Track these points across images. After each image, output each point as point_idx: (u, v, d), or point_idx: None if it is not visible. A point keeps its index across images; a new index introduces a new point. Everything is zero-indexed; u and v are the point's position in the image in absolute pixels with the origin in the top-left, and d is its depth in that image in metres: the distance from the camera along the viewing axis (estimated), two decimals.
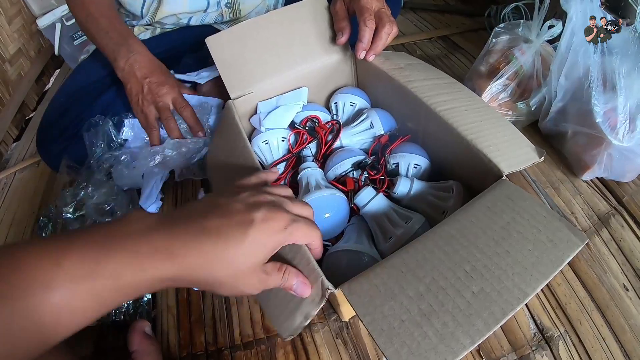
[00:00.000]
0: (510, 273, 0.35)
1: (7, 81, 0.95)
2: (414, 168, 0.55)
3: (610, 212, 0.65)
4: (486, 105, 0.52)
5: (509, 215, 0.39)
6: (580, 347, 0.52)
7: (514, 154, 0.46)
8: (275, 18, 0.62)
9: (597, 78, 0.60)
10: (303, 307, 0.37)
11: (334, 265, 0.47)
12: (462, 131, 0.48)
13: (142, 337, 0.51)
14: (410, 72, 0.58)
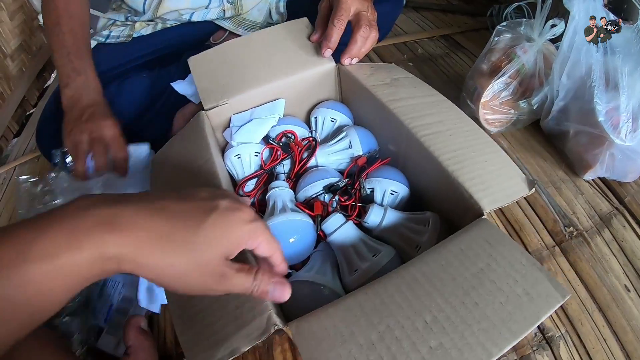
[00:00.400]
0: (476, 329, 0.32)
1: (8, 76, 0.96)
2: (391, 195, 0.52)
3: (612, 212, 0.64)
4: (475, 129, 0.49)
5: (484, 261, 0.36)
6: (582, 347, 0.52)
7: (501, 187, 0.43)
8: (257, 37, 0.62)
9: (599, 77, 0.60)
10: (232, 340, 0.34)
11: (293, 294, 0.44)
12: (444, 160, 0.45)
13: (138, 332, 0.51)
14: (396, 88, 0.55)
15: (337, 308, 0.34)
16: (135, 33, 0.78)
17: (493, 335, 0.31)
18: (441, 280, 0.35)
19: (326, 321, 0.33)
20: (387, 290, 0.35)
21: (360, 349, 0.31)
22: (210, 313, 0.36)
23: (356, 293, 0.35)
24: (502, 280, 0.34)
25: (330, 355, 0.31)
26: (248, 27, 0.81)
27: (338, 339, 0.32)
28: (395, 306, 0.34)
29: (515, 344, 0.31)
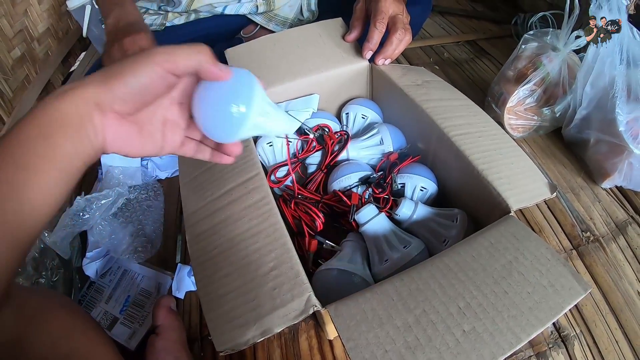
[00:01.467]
0: (506, 315, 0.34)
1: (34, 59, 0.99)
2: (421, 191, 0.55)
3: (627, 221, 0.68)
4: (502, 133, 0.52)
5: (512, 255, 0.38)
6: (595, 348, 0.55)
7: (526, 188, 0.46)
8: (293, 34, 0.65)
9: (621, 88, 0.63)
10: (265, 320, 0.36)
11: (323, 282, 0.47)
12: (474, 160, 0.48)
13: (167, 311, 0.53)
14: (427, 90, 0.58)
15: (374, 292, 0.37)
16: (168, 22, 0.82)
17: (521, 322, 0.34)
18: (473, 269, 0.37)
19: (364, 304, 0.36)
20: (421, 277, 0.37)
21: (398, 331, 0.34)
22: (244, 292, 0.38)
23: (392, 279, 0.38)
24: (529, 272, 0.37)
25: (369, 335, 0.34)
26: (279, 22, 0.85)
27: (376, 321, 0.34)
28: (430, 292, 0.36)
29: (541, 331, 0.34)
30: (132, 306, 0.60)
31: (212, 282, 0.40)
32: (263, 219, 0.44)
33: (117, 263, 0.65)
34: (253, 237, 0.42)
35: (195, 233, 0.45)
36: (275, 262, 0.40)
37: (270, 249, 0.41)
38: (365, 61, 0.64)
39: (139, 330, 0.58)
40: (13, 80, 0.92)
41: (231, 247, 0.42)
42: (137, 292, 0.62)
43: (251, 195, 0.46)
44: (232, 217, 0.45)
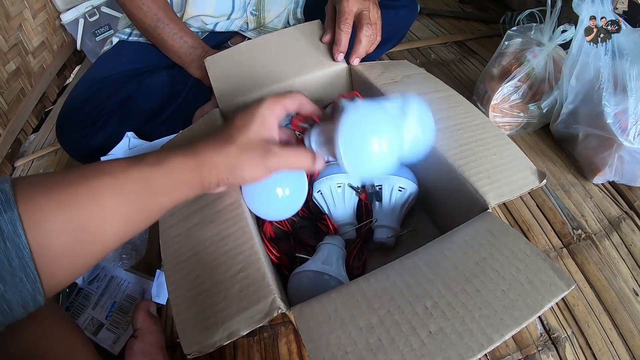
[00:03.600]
0: (477, 315, 0.32)
1: (29, 72, 1.00)
2: (399, 191, 0.53)
3: (621, 216, 0.64)
4: (485, 122, 0.50)
5: (487, 251, 0.36)
6: (588, 349, 0.52)
7: (509, 180, 0.43)
8: (271, 39, 0.64)
9: (607, 80, 0.60)
10: (232, 322, 0.35)
11: (298, 284, 0.46)
12: (450, 156, 0.46)
13: (146, 315, 0.53)
14: (405, 86, 0.56)
15: (339, 293, 0.35)
16: None
17: (494, 322, 0.31)
18: (443, 268, 0.35)
19: (328, 306, 0.34)
20: (389, 277, 0.36)
21: (360, 332, 0.32)
22: (213, 294, 0.38)
23: (359, 280, 0.36)
24: (504, 268, 0.34)
25: (330, 337, 0.32)
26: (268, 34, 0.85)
27: (338, 322, 0.33)
28: (396, 292, 0.34)
29: (516, 332, 0.31)
30: (117, 312, 0.60)
31: (182, 285, 0.40)
32: (233, 222, 0.43)
33: (105, 270, 0.64)
34: (223, 240, 0.42)
35: (169, 236, 0.45)
36: (243, 264, 0.39)
37: (239, 252, 0.40)
38: (344, 63, 0.63)
39: (123, 335, 0.57)
40: (8, 94, 0.92)
41: (202, 250, 0.42)
42: (123, 298, 0.61)
43: (223, 199, 0.46)
44: (204, 220, 0.45)
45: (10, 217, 0.25)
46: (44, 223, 0.27)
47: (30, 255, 0.26)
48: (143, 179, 0.32)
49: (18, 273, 0.25)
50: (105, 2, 1.10)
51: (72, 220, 0.28)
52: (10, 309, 0.26)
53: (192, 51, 0.73)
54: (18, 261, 0.25)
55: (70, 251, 0.28)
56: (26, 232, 0.25)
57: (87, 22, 1.09)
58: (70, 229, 0.28)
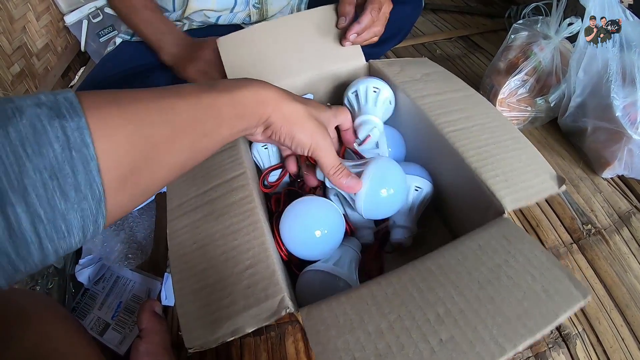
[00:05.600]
0: (490, 323, 0.30)
1: (34, 75, 1.00)
2: (415, 191, 0.51)
3: (631, 211, 0.64)
4: (504, 123, 0.48)
5: (502, 257, 0.35)
6: (599, 346, 0.51)
7: (527, 184, 0.42)
8: (290, 22, 0.61)
9: (616, 72, 0.60)
10: (238, 318, 0.34)
11: (308, 283, 0.45)
12: (467, 157, 0.44)
13: (151, 315, 0.52)
14: (425, 84, 0.55)
15: (349, 296, 0.34)
16: None
17: (507, 331, 0.30)
18: (457, 273, 0.34)
19: (337, 309, 0.33)
20: (400, 280, 0.34)
21: (369, 337, 0.31)
22: (219, 289, 0.37)
23: (369, 283, 0.35)
24: (520, 276, 0.33)
25: (337, 341, 0.31)
26: None
27: (347, 326, 0.32)
28: (407, 296, 0.33)
29: (531, 342, 0.29)
30: (124, 312, 0.59)
31: (188, 277, 0.39)
32: (244, 217, 0.42)
33: (110, 270, 0.65)
34: (233, 234, 0.41)
35: (176, 227, 0.44)
36: (252, 261, 0.38)
37: (249, 247, 0.40)
38: (362, 59, 0.61)
39: (129, 335, 0.57)
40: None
41: (210, 243, 0.41)
42: (129, 298, 0.60)
43: (235, 193, 0.45)
44: (214, 213, 0.44)
45: (78, 123, 0.22)
46: (113, 135, 0.24)
47: (97, 169, 0.23)
48: (213, 106, 0.32)
49: (83, 188, 0.22)
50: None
51: (142, 137, 0.26)
52: (68, 231, 0.22)
53: (161, 37, 0.72)
54: (84, 174, 0.22)
55: (138, 171, 0.26)
56: (94, 142, 0.23)
57: (90, 24, 1.09)
58: (140, 146, 0.26)
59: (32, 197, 0.20)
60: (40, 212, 0.21)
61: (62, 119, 0.22)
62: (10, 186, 0.20)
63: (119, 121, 0.25)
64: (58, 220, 0.22)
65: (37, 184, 0.21)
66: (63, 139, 0.21)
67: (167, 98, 0.29)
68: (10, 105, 0.21)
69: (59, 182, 0.21)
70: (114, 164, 0.24)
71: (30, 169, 0.20)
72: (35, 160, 0.20)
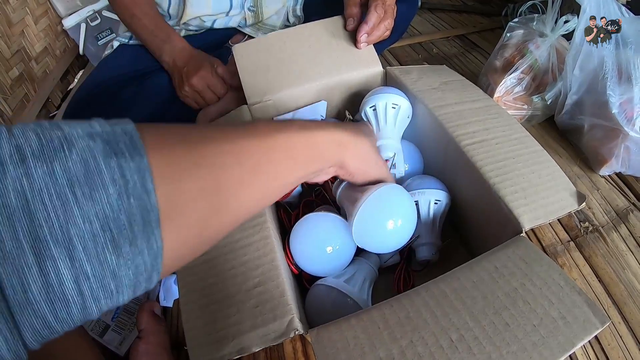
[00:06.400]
0: (505, 351, 0.29)
1: (33, 78, 1.00)
2: (435, 204, 0.50)
3: (628, 208, 0.63)
4: (524, 136, 0.47)
5: (518, 281, 0.34)
6: (597, 344, 0.51)
7: (546, 201, 0.40)
8: (304, 32, 0.61)
9: (612, 69, 0.60)
10: (244, 337, 0.33)
11: (317, 299, 0.44)
12: (486, 172, 0.43)
13: (150, 316, 0.53)
14: (443, 93, 0.53)
15: (359, 319, 0.33)
16: None
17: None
18: (472, 297, 0.33)
19: (347, 331, 0.32)
20: (413, 304, 0.33)
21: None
22: (226, 306, 0.36)
23: (381, 305, 0.34)
24: (536, 301, 0.32)
25: None
26: (267, 31, 0.82)
27: (357, 351, 0.31)
28: (420, 321, 0.32)
29: None
30: (123, 313, 0.59)
31: (195, 290, 0.38)
32: (255, 231, 0.42)
33: None
34: (243, 249, 0.40)
35: None
36: (262, 278, 0.37)
37: (258, 264, 0.39)
38: (378, 66, 0.60)
39: (129, 336, 0.57)
40: (12, 99, 0.93)
41: (219, 256, 0.40)
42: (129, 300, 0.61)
43: None
44: None
45: (139, 165, 0.19)
46: (180, 180, 0.21)
47: (158, 220, 0.19)
48: (288, 147, 0.30)
49: (139, 243, 0.19)
50: (106, 6, 1.09)
51: (212, 183, 0.23)
52: (117, 290, 0.19)
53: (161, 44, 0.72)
54: (142, 226, 0.19)
55: (203, 221, 0.23)
56: (156, 189, 0.19)
57: (89, 27, 1.09)
58: (208, 192, 0.22)
59: (78, 251, 0.17)
60: (87, 268, 0.17)
61: (120, 157, 0.18)
62: (52, 236, 0.16)
63: (189, 165, 0.22)
64: (107, 278, 0.18)
65: (86, 235, 0.17)
66: (120, 182, 0.18)
67: (241, 139, 0.26)
68: (57, 133, 0.18)
69: (112, 234, 0.18)
70: (178, 213, 0.21)
71: (78, 216, 0.17)
72: (86, 206, 0.17)
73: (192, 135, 0.24)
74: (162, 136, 0.22)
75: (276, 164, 0.28)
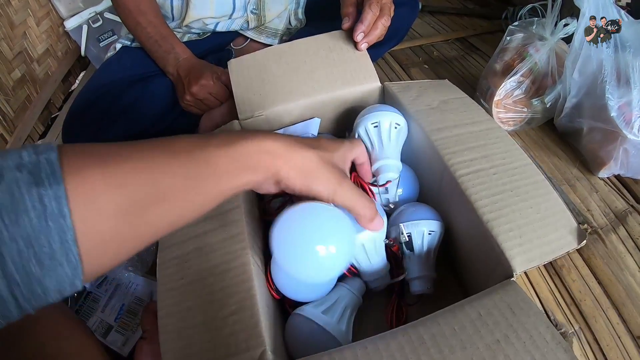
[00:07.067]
0: None
1: (35, 79, 1.01)
2: (429, 235, 0.48)
3: (627, 210, 0.64)
4: (526, 164, 0.44)
5: (502, 332, 0.32)
6: (595, 344, 0.51)
7: (543, 240, 0.38)
8: (301, 46, 0.60)
9: (610, 72, 0.60)
10: None
11: (295, 329, 0.43)
12: (479, 207, 0.40)
13: (154, 316, 0.53)
14: (442, 114, 0.51)
15: (331, 357, 0.32)
16: None
17: None
18: (450, 346, 0.31)
19: None
20: (388, 348, 0.32)
21: None
22: (202, 331, 0.36)
23: (355, 346, 0.33)
24: (518, 356, 0.30)
25: None
26: (270, 34, 0.83)
27: None
28: None
29: None
30: (127, 314, 0.59)
31: (173, 314, 0.38)
32: (234, 256, 0.41)
33: (113, 273, 0.65)
34: (221, 275, 0.40)
35: (166, 258, 0.43)
36: (237, 307, 0.37)
37: (235, 291, 0.38)
38: (376, 81, 0.58)
39: (132, 337, 0.57)
40: (14, 101, 0.93)
41: (198, 280, 0.40)
42: (132, 300, 0.61)
43: (227, 228, 0.43)
44: (205, 248, 0.42)
45: (56, 192, 0.22)
46: (94, 202, 0.24)
47: (74, 239, 0.22)
48: (207, 163, 0.30)
49: (58, 257, 0.22)
50: (108, 8, 1.10)
51: (126, 201, 0.25)
52: (44, 293, 0.23)
53: (165, 55, 0.72)
54: (60, 244, 0.22)
55: (120, 235, 0.25)
56: (72, 212, 0.22)
57: (90, 29, 1.10)
58: (123, 211, 0.25)
59: (9, 265, 0.21)
60: (16, 277, 0.21)
61: (40, 187, 0.22)
62: None
63: (103, 187, 0.24)
64: (34, 285, 0.22)
65: (13, 252, 0.21)
66: (40, 208, 0.21)
67: (157, 157, 0.28)
68: None
69: (34, 251, 0.22)
70: (94, 231, 0.24)
71: (6, 237, 0.21)
72: (12, 228, 0.21)
73: (110, 156, 0.26)
74: (81, 160, 0.24)
75: (197, 179, 0.29)
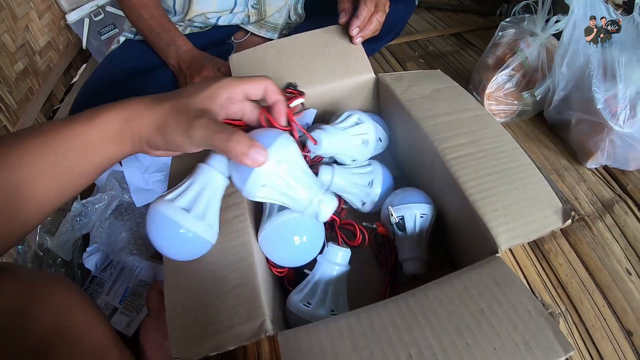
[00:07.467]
0: None
1: (37, 72, 1.01)
2: (421, 217, 0.50)
3: (614, 199, 0.65)
4: (513, 148, 0.46)
5: (486, 302, 0.33)
6: (581, 325, 0.53)
7: (528, 219, 0.40)
8: (298, 41, 0.62)
9: (597, 67, 0.62)
10: (220, 336, 0.35)
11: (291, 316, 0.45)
12: (467, 188, 0.42)
13: (159, 295, 0.52)
14: (434, 103, 0.53)
15: (327, 326, 0.34)
16: None
17: None
18: (436, 315, 0.33)
19: (314, 337, 0.33)
20: (379, 316, 0.34)
21: None
22: (207, 305, 0.38)
23: (349, 315, 0.35)
24: (501, 324, 0.32)
25: None
26: (269, 29, 0.85)
27: (319, 357, 0.32)
28: (383, 334, 0.33)
29: None
30: (131, 296, 0.61)
31: (179, 291, 0.40)
32: (236, 235, 0.43)
33: (117, 257, 0.67)
34: (223, 252, 0.42)
35: None
36: (239, 281, 0.39)
37: (237, 267, 0.40)
38: (370, 73, 0.60)
39: (137, 317, 0.59)
40: (17, 93, 0.94)
41: (202, 259, 0.41)
42: (136, 283, 0.63)
43: (229, 210, 0.45)
44: None
45: None
46: None
47: None
48: (74, 137, 0.32)
49: None
50: (109, 1, 1.10)
51: (4, 181, 0.28)
52: None
53: (166, 47, 0.74)
54: None
55: (7, 216, 0.29)
56: None
57: (92, 22, 1.11)
58: (3, 192, 0.28)
59: None
60: None
61: None
62: None
63: None
64: None
65: None
66: None
67: (27, 138, 0.30)
68: None
69: None
70: None
71: None
72: None
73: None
74: None
75: (65, 155, 0.32)
